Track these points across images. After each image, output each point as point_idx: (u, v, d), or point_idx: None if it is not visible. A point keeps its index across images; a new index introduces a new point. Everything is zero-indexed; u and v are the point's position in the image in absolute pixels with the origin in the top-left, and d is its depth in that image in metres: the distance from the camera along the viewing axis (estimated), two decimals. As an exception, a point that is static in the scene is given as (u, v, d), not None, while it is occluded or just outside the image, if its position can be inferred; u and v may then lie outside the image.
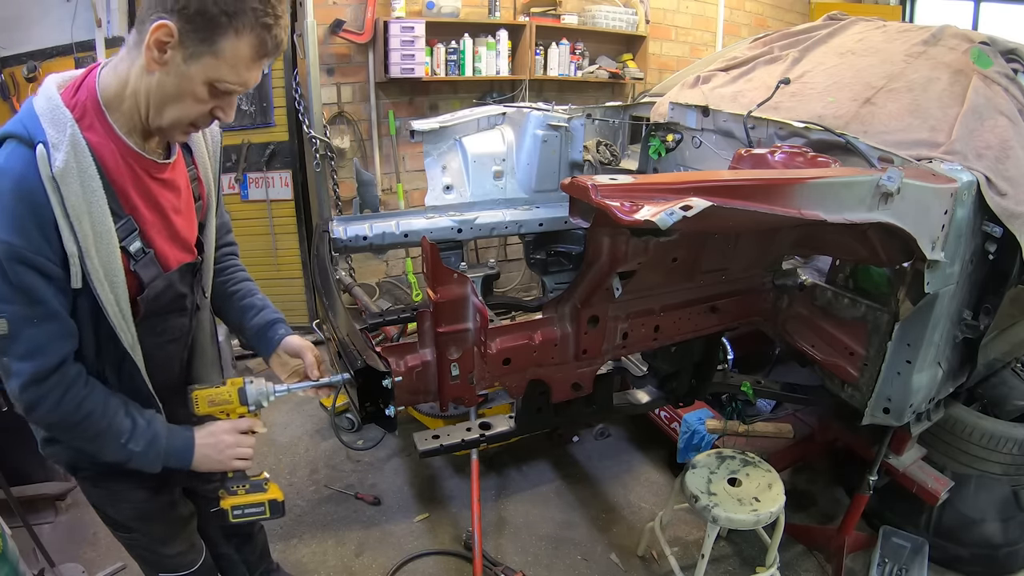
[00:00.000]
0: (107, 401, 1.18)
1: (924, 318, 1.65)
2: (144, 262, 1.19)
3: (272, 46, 1.09)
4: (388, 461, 3.00)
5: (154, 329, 1.28)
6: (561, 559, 2.45)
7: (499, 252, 4.76)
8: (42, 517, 2.50)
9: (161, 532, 1.49)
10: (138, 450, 1.20)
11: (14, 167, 1.02)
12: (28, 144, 1.03)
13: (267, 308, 1.53)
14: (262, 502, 1.33)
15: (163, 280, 1.24)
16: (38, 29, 3.35)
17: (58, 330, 1.11)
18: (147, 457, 1.22)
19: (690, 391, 2.03)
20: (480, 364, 1.45)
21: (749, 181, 1.24)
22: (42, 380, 1.10)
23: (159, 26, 1.01)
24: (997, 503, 2.28)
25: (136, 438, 1.20)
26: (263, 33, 1.06)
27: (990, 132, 1.78)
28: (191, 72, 1.05)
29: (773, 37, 2.68)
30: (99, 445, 1.21)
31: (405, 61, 3.76)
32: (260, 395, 1.31)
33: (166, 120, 1.11)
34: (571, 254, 3.05)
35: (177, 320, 1.36)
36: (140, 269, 1.18)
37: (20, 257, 1.02)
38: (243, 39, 1.05)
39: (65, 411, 1.13)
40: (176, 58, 1.04)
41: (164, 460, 1.24)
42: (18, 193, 1.01)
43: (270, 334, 1.48)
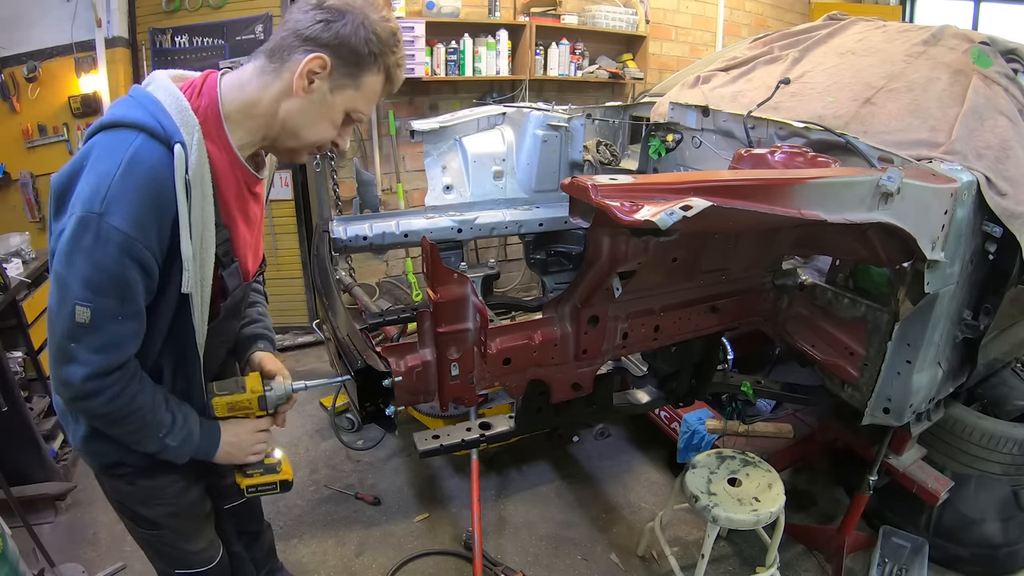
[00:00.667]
0: (155, 396, 1.20)
1: (924, 318, 1.65)
2: (231, 271, 1.26)
3: (396, 82, 1.24)
4: (388, 461, 3.00)
5: (219, 332, 1.33)
6: (561, 559, 2.45)
7: (499, 252, 4.76)
8: (42, 517, 2.50)
9: (187, 529, 1.51)
10: (174, 444, 1.24)
11: (149, 160, 1.03)
12: (162, 140, 1.05)
13: (258, 323, 1.55)
14: (274, 481, 1.41)
15: (241, 290, 1.33)
16: (38, 29, 3.35)
17: (136, 329, 1.13)
18: (180, 451, 1.26)
19: (690, 391, 2.03)
20: (480, 364, 1.45)
21: (749, 181, 1.24)
22: (108, 374, 1.11)
23: (315, 58, 1.11)
24: (997, 503, 2.28)
25: (174, 433, 1.23)
26: (395, 71, 1.21)
27: (990, 132, 1.78)
28: (336, 101, 1.17)
29: (773, 37, 2.68)
30: (139, 438, 1.22)
31: (405, 61, 3.75)
32: (279, 400, 1.36)
33: (300, 142, 1.21)
34: (571, 254, 3.05)
35: (234, 324, 1.44)
36: (227, 277, 1.25)
37: (133, 251, 1.04)
38: (380, 76, 1.19)
39: (119, 404, 1.15)
40: (322, 87, 1.14)
41: (192, 454, 1.28)
42: (150, 188, 1.03)
43: (247, 347, 1.50)
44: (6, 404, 2.39)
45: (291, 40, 1.13)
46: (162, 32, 3.57)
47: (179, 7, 3.54)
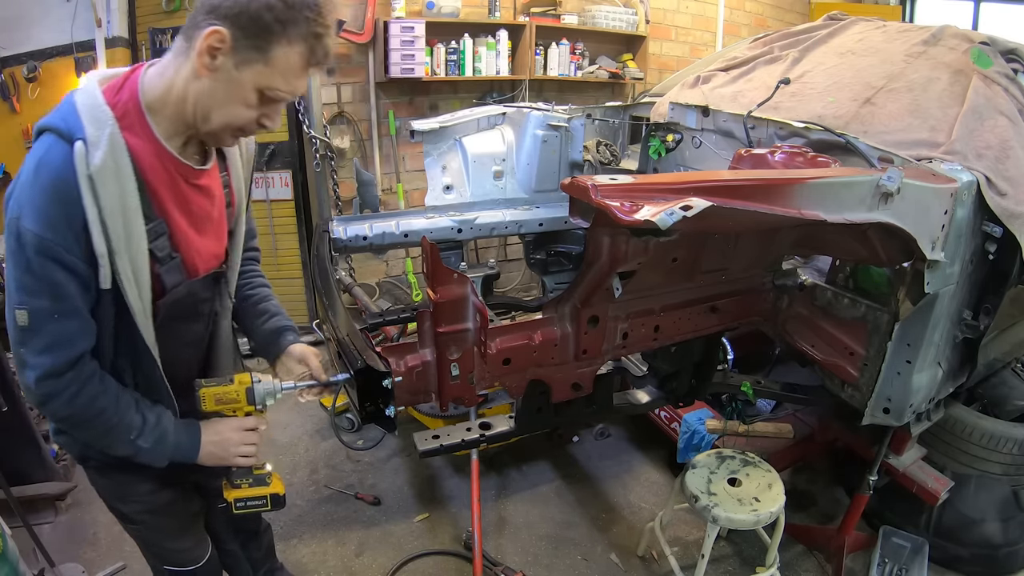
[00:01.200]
0: (119, 398, 1.19)
1: (924, 318, 1.65)
2: (170, 267, 1.20)
3: (322, 55, 1.10)
4: (388, 461, 3.00)
5: (172, 332, 1.28)
6: (561, 559, 2.45)
7: (499, 252, 4.76)
8: (42, 517, 2.50)
9: (167, 526, 1.50)
10: (146, 446, 1.22)
11: (52, 162, 1.02)
12: (67, 139, 1.03)
13: (279, 315, 1.54)
14: (264, 495, 1.34)
15: (185, 287, 1.25)
16: (38, 29, 3.35)
17: (79, 327, 1.11)
18: (154, 453, 1.24)
19: (690, 391, 2.03)
20: (480, 364, 1.45)
21: (749, 181, 1.24)
22: (59, 375, 1.11)
23: (212, 32, 1.03)
24: (997, 503, 2.28)
25: (145, 435, 1.21)
26: (314, 42, 1.08)
27: (990, 132, 1.78)
28: (242, 78, 1.07)
29: (773, 37, 2.68)
30: (109, 440, 1.22)
31: (405, 61, 3.76)
32: (267, 394, 1.31)
33: (214, 125, 1.13)
34: (571, 254, 3.05)
35: (194, 326, 1.37)
36: (165, 274, 1.19)
37: (49, 252, 1.03)
38: (295, 48, 1.07)
39: (79, 406, 1.14)
40: (227, 64, 1.06)
41: (171, 456, 1.26)
42: (54, 188, 1.02)
43: (278, 340, 1.49)
44: (6, 404, 2.38)
45: (199, 15, 1.05)
46: (162, 32, 3.57)
47: (179, 7, 3.53)
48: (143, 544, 1.56)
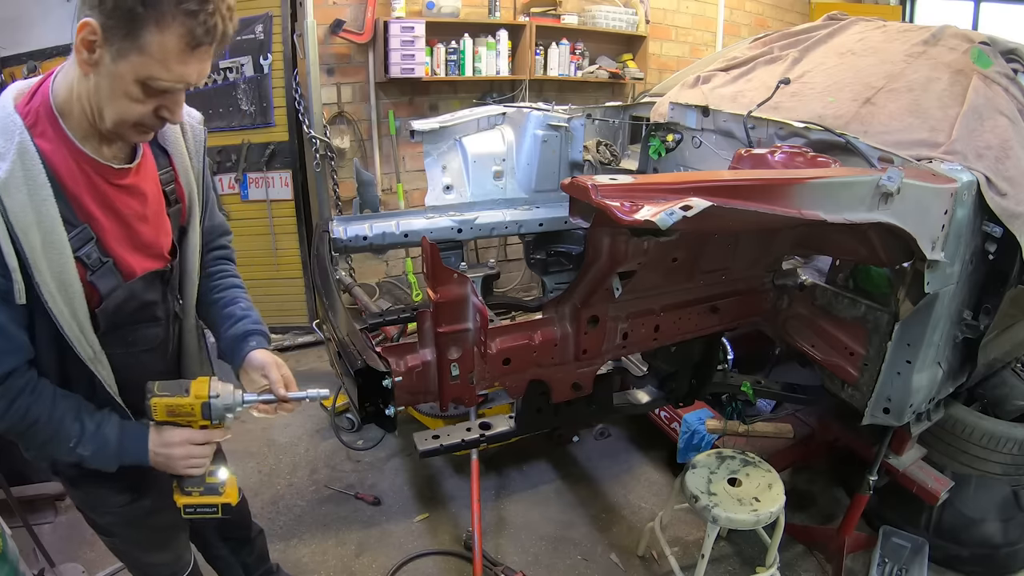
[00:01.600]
0: (54, 408, 1.14)
1: (924, 318, 1.65)
2: (102, 272, 1.14)
3: (203, 33, 0.99)
4: (388, 461, 3.00)
5: (124, 340, 1.24)
6: (561, 559, 2.44)
7: (499, 252, 4.76)
8: (42, 517, 2.50)
9: (144, 539, 1.46)
10: (87, 454, 1.18)
11: None
12: None
13: (246, 319, 1.41)
14: (215, 504, 1.29)
15: (124, 290, 1.19)
16: (38, 29, 3.35)
17: (2, 346, 1.07)
18: (99, 459, 1.19)
19: (690, 391, 2.03)
20: (480, 364, 1.45)
21: (749, 181, 1.24)
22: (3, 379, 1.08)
23: (82, 25, 0.97)
24: (997, 503, 2.28)
25: (84, 442, 1.16)
26: (189, 21, 0.97)
27: (990, 132, 1.78)
28: (121, 71, 1.00)
29: (773, 37, 2.68)
30: (49, 450, 1.20)
31: (405, 61, 3.76)
32: (225, 408, 1.22)
33: (108, 123, 1.06)
34: (571, 254, 3.05)
35: (149, 330, 1.30)
36: (97, 280, 1.14)
37: None
38: (168, 31, 0.97)
39: (11, 420, 1.11)
40: (105, 58, 1.00)
41: (118, 462, 1.21)
42: None
43: (240, 347, 1.38)
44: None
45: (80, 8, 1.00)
46: (162, 32, 3.57)
47: (179, 7, 3.53)
48: (120, 556, 1.53)
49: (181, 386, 1.21)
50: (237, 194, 3.80)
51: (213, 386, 1.21)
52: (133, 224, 1.20)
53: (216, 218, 1.50)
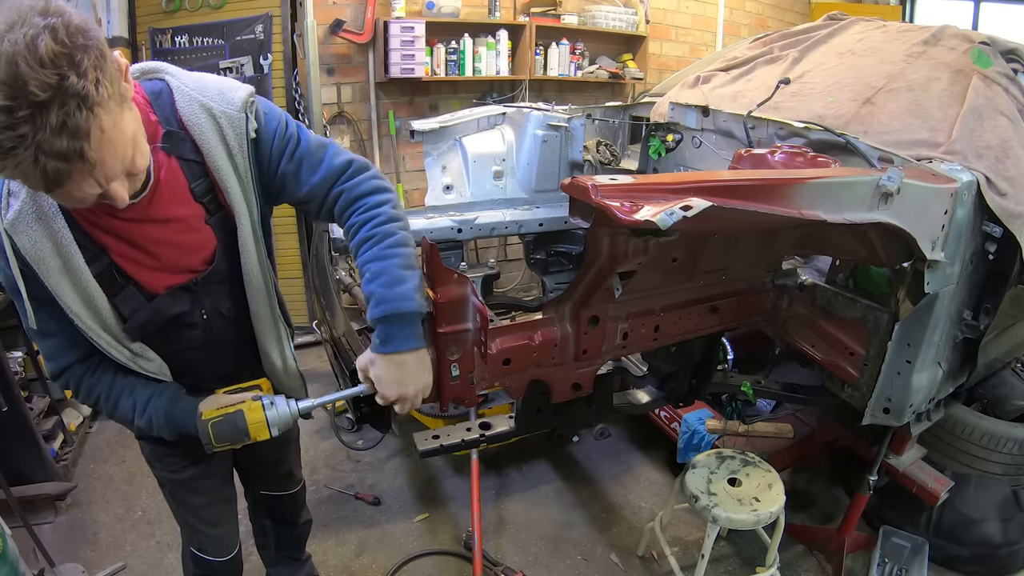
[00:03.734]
0: (111, 388, 1.26)
1: (924, 318, 1.65)
2: (125, 295, 1.18)
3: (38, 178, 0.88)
4: (388, 461, 2.99)
5: (167, 339, 1.29)
6: (561, 559, 2.44)
7: (499, 252, 4.76)
8: (42, 517, 2.50)
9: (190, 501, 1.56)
10: (142, 425, 1.27)
11: None
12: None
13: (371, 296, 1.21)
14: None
15: (147, 310, 1.21)
16: (38, 29, 3.35)
17: (58, 344, 1.21)
18: (153, 430, 1.27)
19: (690, 391, 2.03)
20: (480, 364, 1.45)
21: (749, 181, 1.24)
22: (58, 375, 1.25)
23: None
24: (997, 503, 2.28)
25: (136, 416, 1.26)
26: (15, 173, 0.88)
27: (990, 132, 1.78)
28: None
29: (773, 37, 2.68)
30: (117, 420, 1.32)
31: (405, 61, 3.76)
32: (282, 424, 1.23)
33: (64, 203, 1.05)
34: (571, 254, 3.05)
35: (185, 333, 1.30)
36: (121, 303, 1.18)
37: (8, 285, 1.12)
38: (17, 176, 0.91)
39: (83, 399, 1.29)
40: None
41: (171, 434, 1.27)
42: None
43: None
44: (6, 404, 2.38)
45: None
46: (162, 32, 3.57)
47: (179, 7, 3.53)
48: (173, 508, 1.61)
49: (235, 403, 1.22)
50: (237, 194, 3.79)
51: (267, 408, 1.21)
52: (153, 249, 1.19)
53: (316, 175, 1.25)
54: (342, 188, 1.24)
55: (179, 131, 1.15)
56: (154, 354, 1.28)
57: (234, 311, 1.34)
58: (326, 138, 1.29)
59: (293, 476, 1.88)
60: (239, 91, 1.18)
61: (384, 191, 1.25)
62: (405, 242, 1.22)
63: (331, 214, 1.28)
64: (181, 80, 1.16)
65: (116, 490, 2.74)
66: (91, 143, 0.88)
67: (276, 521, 1.95)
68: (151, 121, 1.12)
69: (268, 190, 1.27)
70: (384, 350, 1.20)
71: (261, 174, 1.24)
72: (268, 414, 1.20)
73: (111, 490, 2.74)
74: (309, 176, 1.25)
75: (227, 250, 1.26)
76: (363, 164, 1.28)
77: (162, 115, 1.14)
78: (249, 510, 1.93)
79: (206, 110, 1.15)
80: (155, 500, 2.56)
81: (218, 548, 1.65)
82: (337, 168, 1.25)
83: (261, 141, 1.21)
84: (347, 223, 1.25)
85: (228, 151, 1.18)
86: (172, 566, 2.32)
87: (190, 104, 1.14)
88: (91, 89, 0.86)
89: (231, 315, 1.34)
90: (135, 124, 0.99)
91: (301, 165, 1.24)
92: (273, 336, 1.41)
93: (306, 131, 1.27)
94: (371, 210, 1.22)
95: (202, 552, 1.63)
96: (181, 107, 1.14)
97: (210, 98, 1.16)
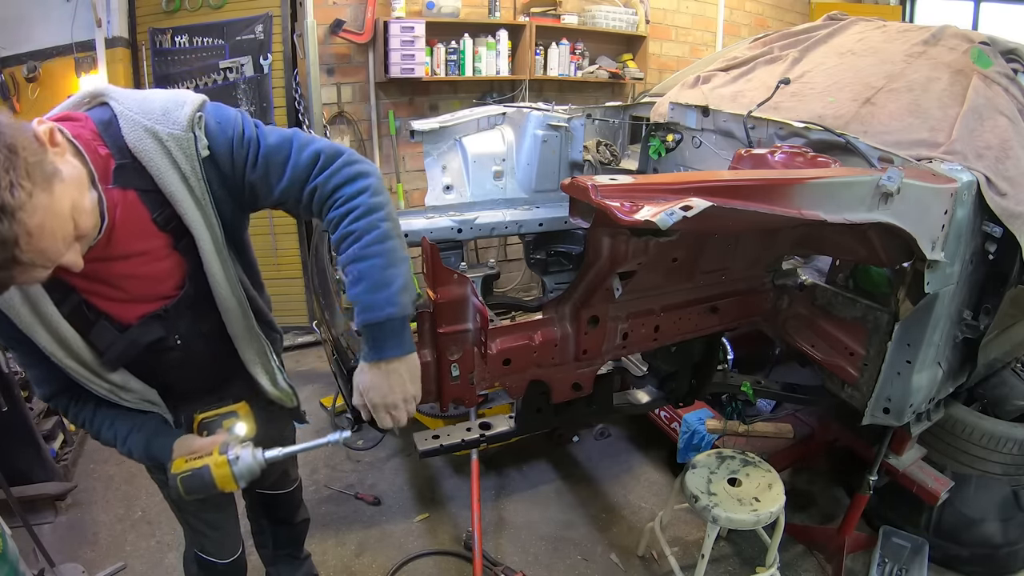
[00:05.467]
0: (94, 418, 1.31)
1: (924, 318, 1.65)
2: (97, 330, 1.18)
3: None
4: (388, 461, 2.99)
5: (147, 364, 1.27)
6: (561, 559, 2.44)
7: (499, 252, 4.76)
8: (42, 517, 2.50)
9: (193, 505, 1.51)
10: (124, 454, 1.33)
11: None
12: None
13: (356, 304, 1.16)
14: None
15: (122, 343, 1.19)
16: (38, 29, 3.35)
17: (41, 374, 1.24)
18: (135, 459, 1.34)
19: (690, 391, 2.03)
20: (480, 364, 1.45)
21: (749, 181, 1.24)
22: (47, 400, 1.31)
23: None
24: (997, 503, 2.28)
25: (119, 446, 1.32)
26: None
27: (990, 132, 1.78)
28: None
29: (773, 37, 2.68)
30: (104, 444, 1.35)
31: (405, 61, 3.76)
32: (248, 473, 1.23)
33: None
34: (571, 254, 3.05)
35: (167, 356, 1.27)
36: (96, 338, 1.18)
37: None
38: None
39: (71, 420, 1.34)
40: None
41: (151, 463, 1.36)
42: None
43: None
44: (6, 404, 2.39)
45: None
46: (162, 32, 3.57)
47: (179, 7, 3.54)
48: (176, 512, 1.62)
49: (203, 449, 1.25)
50: (237, 194, 3.79)
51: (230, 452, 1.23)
52: (119, 283, 1.16)
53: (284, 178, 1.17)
54: (315, 184, 1.15)
55: (131, 161, 1.08)
56: (137, 383, 1.27)
57: (212, 330, 1.30)
58: (289, 130, 1.20)
59: (288, 476, 1.89)
60: (184, 107, 1.10)
61: (360, 177, 1.15)
62: (387, 235, 1.13)
63: (311, 211, 1.19)
64: (125, 104, 1.08)
65: (116, 490, 2.74)
66: (21, 248, 0.86)
67: (273, 520, 1.96)
68: (101, 156, 1.05)
69: (240, 201, 1.20)
70: (372, 358, 1.16)
71: (229, 188, 1.17)
72: (234, 469, 1.22)
73: (111, 490, 2.74)
74: (277, 181, 1.17)
75: (198, 272, 1.21)
76: (333, 152, 1.17)
77: (114, 145, 1.07)
78: (247, 509, 1.94)
79: (152, 135, 1.07)
80: (155, 500, 2.56)
81: (221, 550, 1.65)
82: (305, 164, 1.16)
83: (218, 156, 1.13)
84: (326, 219, 1.17)
85: (181, 175, 1.11)
86: (172, 566, 2.33)
87: (135, 130, 1.07)
88: (5, 198, 0.82)
89: (210, 334, 1.30)
90: (72, 192, 0.94)
91: (268, 170, 1.16)
92: (254, 351, 1.37)
93: (266, 129, 1.18)
94: (348, 203, 1.13)
95: (205, 554, 1.64)
96: (127, 134, 1.06)
97: (155, 121, 1.08)
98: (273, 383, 1.46)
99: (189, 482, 1.21)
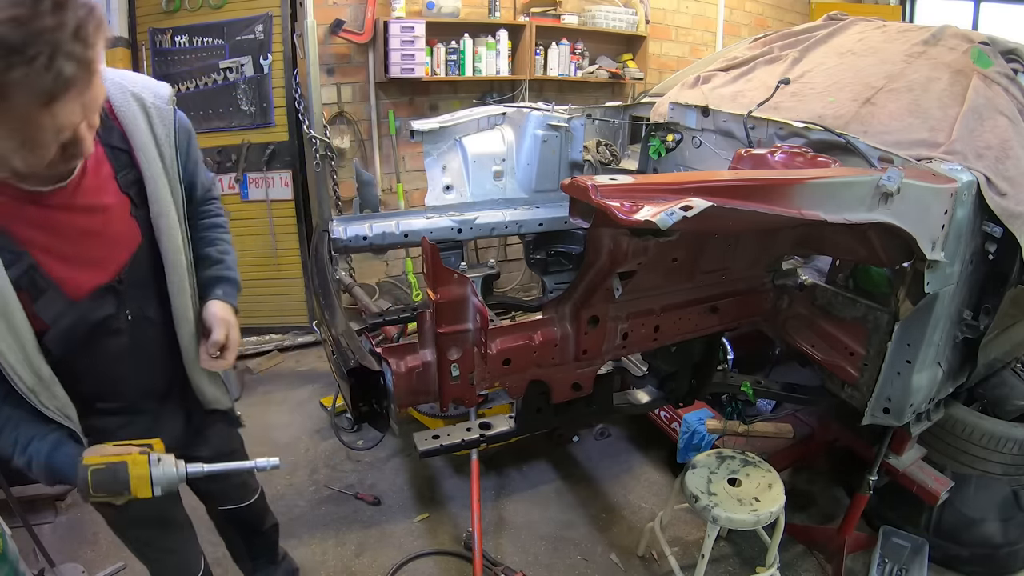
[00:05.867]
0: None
1: (924, 318, 1.65)
2: (47, 299, 1.11)
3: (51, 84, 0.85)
4: (388, 461, 3.00)
5: (91, 352, 1.21)
6: (561, 559, 2.44)
7: (499, 252, 4.76)
8: (42, 517, 2.50)
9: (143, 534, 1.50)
10: (21, 464, 1.17)
11: None
12: None
13: (219, 264, 1.41)
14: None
15: (71, 316, 1.15)
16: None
17: None
18: (33, 474, 1.17)
19: (690, 391, 2.03)
20: (480, 364, 1.45)
21: (749, 181, 1.24)
22: None
23: None
24: (997, 503, 2.28)
25: (18, 454, 1.16)
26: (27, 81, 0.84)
27: (990, 132, 1.78)
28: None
29: (773, 37, 2.68)
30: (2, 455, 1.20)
31: (405, 61, 3.76)
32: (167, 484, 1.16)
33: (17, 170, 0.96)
34: (571, 254, 3.05)
35: (114, 340, 1.24)
36: (43, 307, 1.11)
37: None
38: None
39: None
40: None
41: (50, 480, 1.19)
42: None
43: (205, 294, 1.37)
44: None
45: None
46: (162, 32, 3.57)
47: (179, 7, 3.54)
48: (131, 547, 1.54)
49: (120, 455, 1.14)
50: (237, 194, 3.79)
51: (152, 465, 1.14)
52: (80, 240, 1.14)
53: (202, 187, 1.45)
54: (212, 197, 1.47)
55: (107, 118, 1.13)
56: (61, 390, 1.17)
57: (160, 315, 1.30)
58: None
59: (248, 486, 1.83)
60: (163, 86, 1.25)
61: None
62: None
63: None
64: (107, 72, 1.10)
65: (116, 490, 2.74)
66: (94, 59, 0.88)
67: (243, 533, 1.92)
68: None
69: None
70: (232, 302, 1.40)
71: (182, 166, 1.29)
72: (153, 471, 1.13)
73: (111, 490, 2.74)
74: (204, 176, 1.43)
75: (152, 246, 1.24)
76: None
77: None
78: (217, 529, 1.90)
79: (137, 99, 1.17)
80: (155, 500, 2.56)
81: (182, 573, 1.61)
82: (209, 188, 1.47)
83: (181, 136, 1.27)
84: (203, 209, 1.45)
85: (156, 140, 1.21)
86: (172, 566, 2.33)
87: (122, 92, 1.15)
88: (97, 6, 0.88)
89: (157, 319, 1.30)
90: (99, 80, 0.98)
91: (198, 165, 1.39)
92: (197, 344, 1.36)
93: None
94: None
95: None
96: (112, 94, 1.12)
97: (140, 89, 1.18)
98: (210, 380, 1.44)
99: (99, 476, 1.11)
